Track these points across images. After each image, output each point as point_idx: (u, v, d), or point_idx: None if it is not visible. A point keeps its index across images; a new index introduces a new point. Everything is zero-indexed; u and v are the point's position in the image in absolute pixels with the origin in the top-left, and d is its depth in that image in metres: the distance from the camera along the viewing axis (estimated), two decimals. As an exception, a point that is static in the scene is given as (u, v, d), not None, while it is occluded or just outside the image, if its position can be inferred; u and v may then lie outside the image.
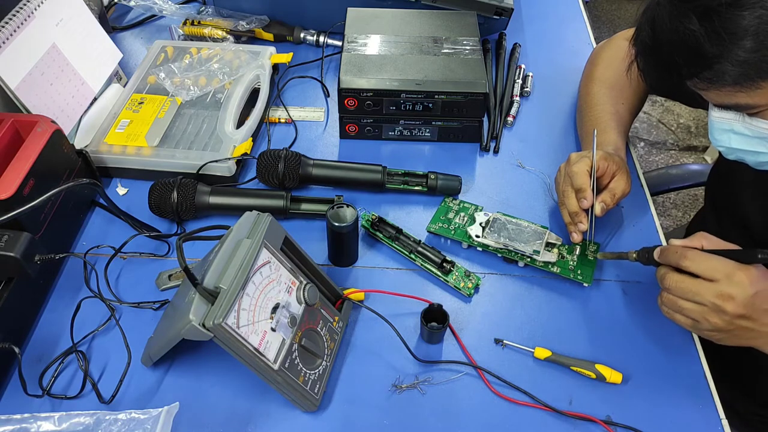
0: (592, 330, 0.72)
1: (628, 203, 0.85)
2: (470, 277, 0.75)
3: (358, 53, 0.92)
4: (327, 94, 1.03)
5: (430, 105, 0.89)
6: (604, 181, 0.77)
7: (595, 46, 1.01)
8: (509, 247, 0.76)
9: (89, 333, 0.69)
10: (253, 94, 0.96)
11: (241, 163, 0.87)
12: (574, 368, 0.67)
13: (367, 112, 0.90)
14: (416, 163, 0.91)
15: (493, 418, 0.64)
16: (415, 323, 0.70)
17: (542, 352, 0.68)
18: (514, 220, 0.79)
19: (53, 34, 0.87)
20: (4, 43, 0.79)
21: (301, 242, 0.67)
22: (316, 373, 0.64)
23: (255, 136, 0.92)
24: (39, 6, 0.85)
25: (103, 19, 1.04)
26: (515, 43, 1.11)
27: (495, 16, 1.06)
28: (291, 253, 0.67)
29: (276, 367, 0.59)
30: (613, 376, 0.66)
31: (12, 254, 0.62)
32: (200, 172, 0.83)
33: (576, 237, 0.75)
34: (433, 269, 0.76)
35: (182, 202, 0.78)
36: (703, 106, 0.67)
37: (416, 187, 0.84)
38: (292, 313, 0.62)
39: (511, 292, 0.75)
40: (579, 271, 0.75)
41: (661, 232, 0.83)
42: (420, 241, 0.78)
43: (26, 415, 0.61)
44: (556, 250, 0.77)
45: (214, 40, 1.07)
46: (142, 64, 0.99)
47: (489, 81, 1.03)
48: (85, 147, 0.84)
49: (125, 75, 1.02)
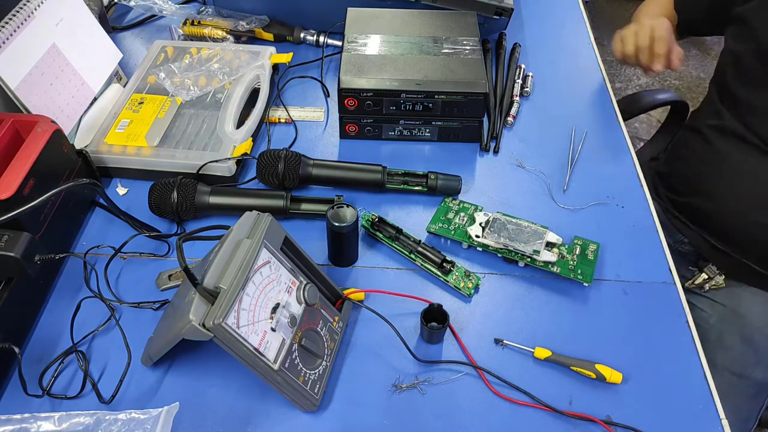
0: (592, 330, 0.72)
1: (628, 203, 0.85)
2: (470, 277, 0.75)
3: (358, 53, 0.92)
4: (327, 94, 1.03)
5: (430, 105, 0.89)
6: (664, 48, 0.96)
7: None
8: (509, 247, 0.76)
9: (89, 333, 0.69)
10: (253, 94, 0.96)
11: (241, 163, 0.87)
12: (574, 368, 0.67)
13: (367, 112, 0.90)
14: (416, 163, 0.91)
15: (493, 418, 0.64)
16: (415, 323, 0.70)
17: (542, 352, 0.68)
18: (514, 220, 0.79)
19: (53, 34, 0.87)
20: (4, 43, 0.79)
21: (301, 242, 0.67)
22: (316, 373, 0.64)
23: (255, 136, 0.92)
24: (39, 6, 0.85)
25: (103, 19, 1.04)
26: (515, 43, 1.11)
27: (495, 16, 1.06)
28: (291, 253, 0.67)
29: (276, 367, 0.59)
30: (613, 376, 0.66)
31: (12, 254, 0.62)
32: (200, 172, 0.83)
33: (658, 67, 0.97)
34: (433, 269, 0.76)
35: (182, 202, 0.78)
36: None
37: (416, 187, 0.84)
38: (292, 313, 0.62)
39: (511, 292, 0.75)
40: (579, 271, 0.75)
41: (661, 232, 0.83)
42: (420, 241, 0.78)
43: (26, 415, 0.61)
44: (556, 250, 0.77)
45: (214, 40, 1.07)
46: (142, 64, 0.99)
47: (489, 81, 1.03)
48: (85, 147, 0.84)
49: (125, 75, 1.02)
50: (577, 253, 0.77)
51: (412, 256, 0.77)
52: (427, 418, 0.64)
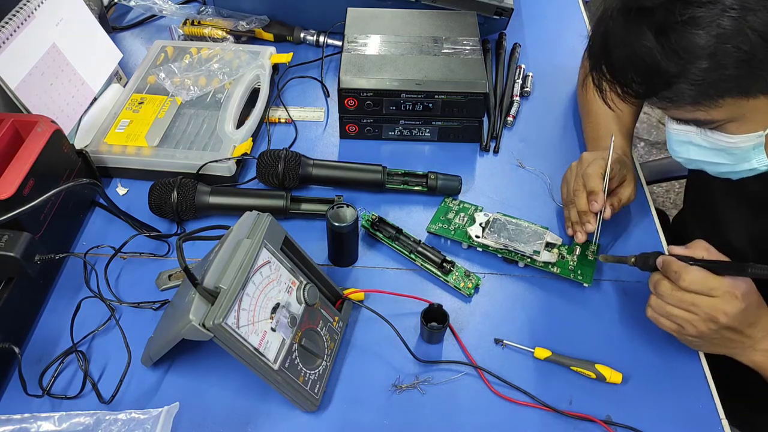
0: (592, 330, 0.72)
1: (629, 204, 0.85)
2: (470, 277, 0.75)
3: (358, 53, 0.92)
4: (327, 94, 1.03)
5: (430, 105, 0.89)
6: (613, 185, 0.78)
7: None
8: (509, 248, 0.76)
9: (89, 333, 0.69)
10: (253, 94, 0.96)
11: (241, 163, 0.87)
12: (574, 368, 0.67)
13: (367, 112, 0.90)
14: (416, 163, 0.91)
15: (493, 418, 0.64)
16: (415, 323, 0.70)
17: (542, 352, 0.68)
18: (514, 221, 0.79)
19: (53, 34, 0.87)
20: (4, 43, 0.79)
21: (301, 242, 0.67)
22: (316, 373, 0.64)
23: (255, 136, 0.92)
24: (39, 6, 0.85)
25: (103, 19, 1.04)
26: (515, 43, 1.11)
27: (495, 16, 1.06)
28: (291, 253, 0.67)
29: (276, 367, 0.59)
30: (613, 376, 0.66)
31: (12, 254, 0.62)
32: (200, 172, 0.83)
33: (580, 237, 0.76)
34: (433, 269, 0.76)
35: (182, 202, 0.78)
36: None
37: (416, 187, 0.84)
38: (292, 313, 0.62)
39: (511, 292, 0.75)
40: (579, 272, 0.75)
41: (661, 232, 0.83)
42: (420, 241, 0.78)
43: (26, 415, 0.61)
44: (556, 251, 0.77)
45: (214, 40, 1.07)
46: (142, 64, 0.99)
47: (489, 81, 1.03)
48: (85, 147, 0.84)
49: (125, 75, 1.02)
50: (577, 253, 0.77)
51: (412, 256, 0.77)
52: (427, 418, 0.64)
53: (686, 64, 0.52)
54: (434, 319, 0.68)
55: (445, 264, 0.75)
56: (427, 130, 0.93)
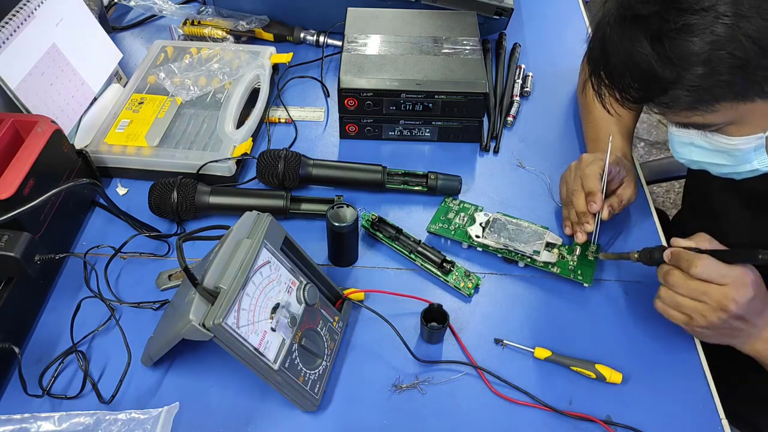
0: (592, 330, 0.72)
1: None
2: (470, 277, 0.75)
3: (358, 53, 0.92)
4: (327, 94, 1.03)
5: (430, 105, 0.89)
6: (613, 186, 0.78)
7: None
8: (509, 248, 0.76)
9: (89, 333, 0.69)
10: (253, 94, 0.96)
11: (241, 163, 0.87)
12: (574, 368, 0.67)
13: (367, 112, 0.90)
14: (416, 163, 0.91)
15: (493, 418, 0.64)
16: (415, 323, 0.70)
17: (542, 352, 0.68)
18: (514, 221, 0.79)
19: (53, 34, 0.87)
20: (4, 43, 0.79)
21: (301, 242, 0.67)
22: (316, 373, 0.64)
23: (255, 136, 0.92)
24: (39, 6, 0.85)
25: (103, 19, 1.04)
26: (515, 43, 1.11)
27: (495, 16, 1.06)
28: (291, 253, 0.67)
29: (276, 367, 0.59)
30: (613, 376, 0.66)
31: (12, 254, 0.62)
32: (200, 172, 0.83)
33: (580, 237, 0.76)
34: (433, 269, 0.76)
35: (182, 202, 0.78)
36: None
37: (416, 187, 0.84)
38: (292, 313, 0.62)
39: (511, 292, 0.75)
40: (579, 272, 0.75)
41: (661, 233, 0.83)
42: (420, 241, 0.78)
43: (26, 415, 0.61)
44: (556, 251, 0.77)
45: (214, 40, 1.07)
46: (142, 64, 0.99)
47: (489, 81, 1.03)
48: (85, 147, 0.84)
49: (125, 75, 1.02)
50: (577, 253, 0.77)
51: (412, 256, 0.77)
52: (427, 418, 0.64)
53: (681, 70, 0.52)
54: (434, 319, 0.68)
55: (445, 264, 0.75)
56: (427, 130, 0.93)
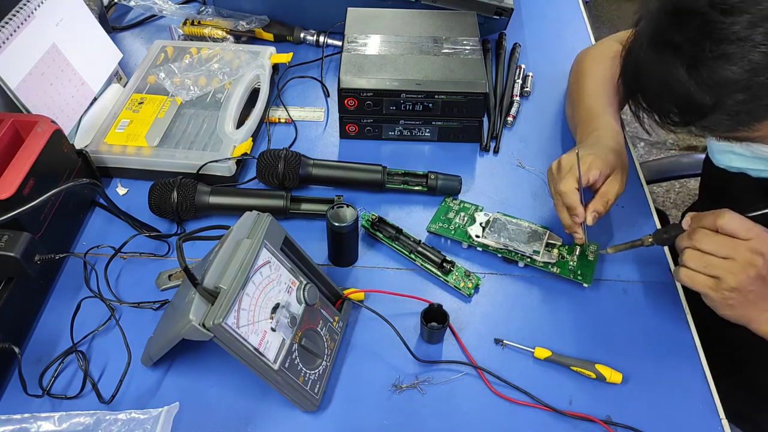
0: (592, 330, 0.72)
1: (628, 204, 0.85)
2: (470, 277, 0.75)
3: (358, 53, 0.92)
4: (327, 94, 1.03)
5: (430, 105, 0.89)
6: (598, 185, 0.75)
7: (581, 50, 1.01)
8: (509, 248, 0.76)
9: (89, 333, 0.69)
10: (253, 94, 0.96)
11: (241, 163, 0.87)
12: (574, 368, 0.67)
13: (367, 112, 0.90)
14: (416, 163, 0.91)
15: (493, 418, 0.64)
16: (415, 323, 0.70)
17: (542, 352, 0.68)
18: (514, 221, 0.79)
19: (53, 34, 0.87)
20: (4, 43, 0.79)
21: (301, 242, 0.67)
22: (316, 373, 0.64)
23: (255, 136, 0.92)
24: (39, 6, 0.85)
25: (103, 19, 1.04)
26: (515, 43, 1.11)
27: (495, 16, 1.06)
28: (291, 253, 0.67)
29: (276, 367, 0.59)
30: (613, 376, 0.66)
31: (12, 254, 0.62)
32: (200, 172, 0.83)
33: (579, 240, 0.75)
34: (433, 269, 0.76)
35: (182, 202, 0.78)
36: None
37: (416, 187, 0.84)
38: (292, 313, 0.62)
39: (511, 292, 0.75)
40: (579, 272, 0.75)
41: (661, 232, 0.83)
42: (420, 241, 0.78)
43: (26, 415, 0.61)
44: (556, 251, 0.77)
45: (214, 40, 1.07)
46: (142, 64, 0.99)
47: (489, 81, 1.03)
48: (85, 147, 0.84)
49: (125, 75, 1.02)
50: (577, 253, 0.77)
51: (412, 256, 0.77)
52: (427, 418, 0.64)
53: (721, 96, 0.52)
54: (434, 319, 0.68)
55: (445, 264, 0.75)
56: (427, 130, 0.93)
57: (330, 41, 1.09)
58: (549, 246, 0.77)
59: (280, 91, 1.01)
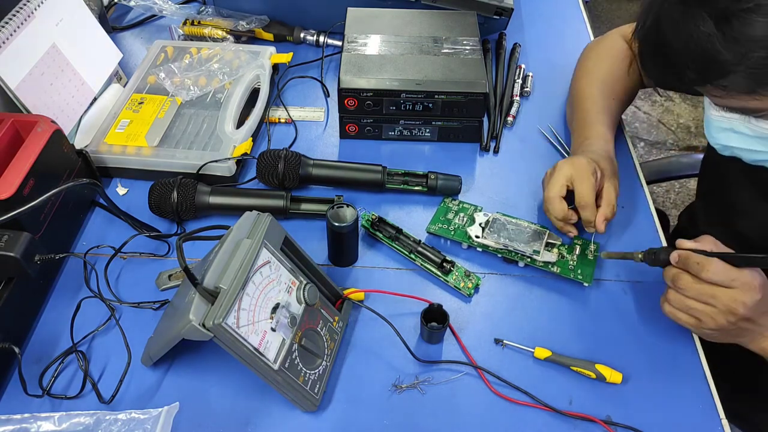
0: (592, 330, 0.72)
1: (628, 204, 0.85)
2: (470, 277, 0.75)
3: (358, 53, 0.92)
4: (327, 94, 1.03)
5: (430, 105, 0.89)
6: (599, 186, 0.77)
7: (588, 42, 1.02)
8: (509, 248, 0.76)
9: (89, 333, 0.69)
10: (253, 94, 0.96)
11: (241, 163, 0.87)
12: (574, 368, 0.67)
13: (367, 112, 0.90)
14: (416, 163, 0.91)
15: (493, 418, 0.64)
16: (415, 323, 0.70)
17: (542, 352, 0.68)
18: (514, 221, 0.79)
19: (53, 34, 0.87)
20: (4, 43, 0.79)
21: (301, 242, 0.67)
22: (316, 373, 0.64)
23: (255, 136, 0.92)
24: (39, 6, 0.85)
25: (103, 19, 1.04)
26: (515, 43, 1.11)
27: (495, 16, 1.06)
28: (291, 253, 0.67)
29: (276, 367, 0.59)
30: (613, 376, 0.66)
31: (12, 254, 0.62)
32: (200, 172, 0.83)
33: (572, 234, 0.78)
34: (433, 269, 0.76)
35: (182, 202, 0.78)
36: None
37: (416, 187, 0.84)
38: (292, 313, 0.62)
39: (511, 292, 0.75)
40: (579, 271, 0.75)
41: (660, 232, 0.83)
42: (420, 241, 0.78)
43: (26, 415, 0.61)
44: (556, 250, 0.77)
45: (214, 40, 1.07)
46: (142, 64, 0.99)
47: (489, 81, 1.03)
48: (85, 147, 0.84)
49: (125, 75, 1.02)
50: (577, 253, 0.77)
51: (412, 256, 0.77)
52: (427, 418, 0.64)
53: (746, 51, 0.51)
54: (434, 319, 0.68)
55: (445, 264, 0.75)
56: (427, 130, 0.93)
57: (330, 41, 1.09)
58: (549, 246, 0.77)
59: (280, 91, 1.01)
